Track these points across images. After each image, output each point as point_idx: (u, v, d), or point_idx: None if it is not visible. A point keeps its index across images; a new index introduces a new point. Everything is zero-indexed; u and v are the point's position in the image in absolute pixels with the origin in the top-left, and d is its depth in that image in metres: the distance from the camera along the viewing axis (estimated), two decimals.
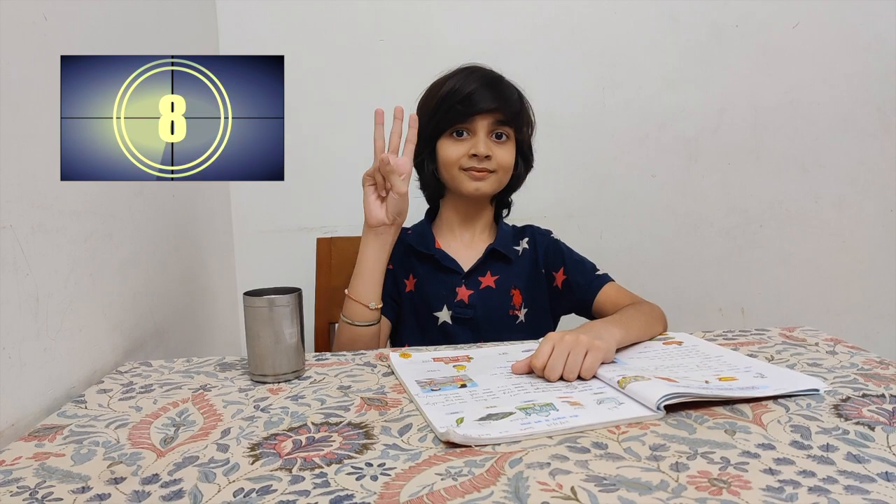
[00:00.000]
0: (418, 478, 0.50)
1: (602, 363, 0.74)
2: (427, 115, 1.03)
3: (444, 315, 1.05)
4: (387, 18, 1.44)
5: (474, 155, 1.00)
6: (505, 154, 1.02)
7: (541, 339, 0.75)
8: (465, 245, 1.09)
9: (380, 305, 0.96)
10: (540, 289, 1.10)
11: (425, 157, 1.05)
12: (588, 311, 1.07)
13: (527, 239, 1.12)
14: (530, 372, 0.75)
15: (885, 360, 0.77)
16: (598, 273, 1.07)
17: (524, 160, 1.08)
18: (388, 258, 0.97)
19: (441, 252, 1.07)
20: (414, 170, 1.01)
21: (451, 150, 1.02)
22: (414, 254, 1.09)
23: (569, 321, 1.14)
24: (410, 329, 1.08)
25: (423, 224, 1.13)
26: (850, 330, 1.57)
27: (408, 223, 1.11)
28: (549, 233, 1.14)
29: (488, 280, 1.07)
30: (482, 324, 1.05)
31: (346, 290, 0.97)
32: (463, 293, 1.06)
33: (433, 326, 1.06)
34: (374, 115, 0.91)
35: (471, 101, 0.99)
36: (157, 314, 1.03)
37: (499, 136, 1.02)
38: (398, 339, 1.10)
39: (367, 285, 0.95)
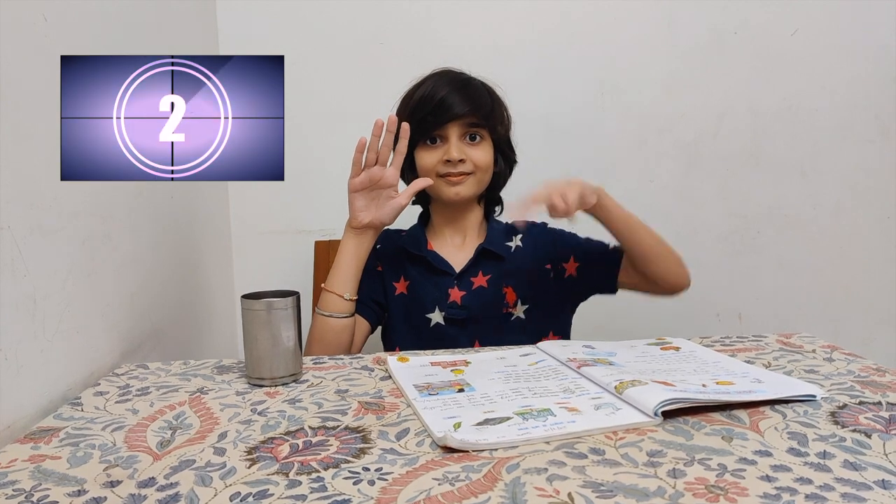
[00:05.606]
0: (415, 483, 0.50)
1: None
2: None
3: (437, 316, 1.05)
4: (387, 20, 1.45)
5: (448, 161, 1.01)
6: (480, 154, 1.03)
7: (539, 343, 0.75)
8: (456, 247, 1.10)
9: (354, 297, 1.00)
10: (543, 283, 1.09)
11: (405, 168, 1.06)
12: (613, 282, 1.06)
13: (520, 235, 1.12)
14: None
15: (881, 367, 0.77)
16: (609, 244, 1.08)
17: (504, 157, 1.08)
18: (366, 257, 1.01)
19: (433, 253, 1.08)
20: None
21: (425, 159, 1.03)
22: (406, 256, 1.09)
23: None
24: (403, 331, 1.08)
25: (417, 227, 1.13)
26: (847, 336, 1.57)
27: (404, 226, 1.12)
28: (543, 225, 1.14)
29: (480, 280, 1.07)
30: (475, 324, 1.05)
31: (322, 285, 1.01)
32: (455, 294, 1.06)
33: (426, 328, 1.06)
34: (373, 126, 0.93)
35: (440, 108, 1.00)
36: (155, 316, 1.03)
37: (472, 138, 1.03)
38: (390, 341, 1.10)
39: (342, 277, 0.99)
